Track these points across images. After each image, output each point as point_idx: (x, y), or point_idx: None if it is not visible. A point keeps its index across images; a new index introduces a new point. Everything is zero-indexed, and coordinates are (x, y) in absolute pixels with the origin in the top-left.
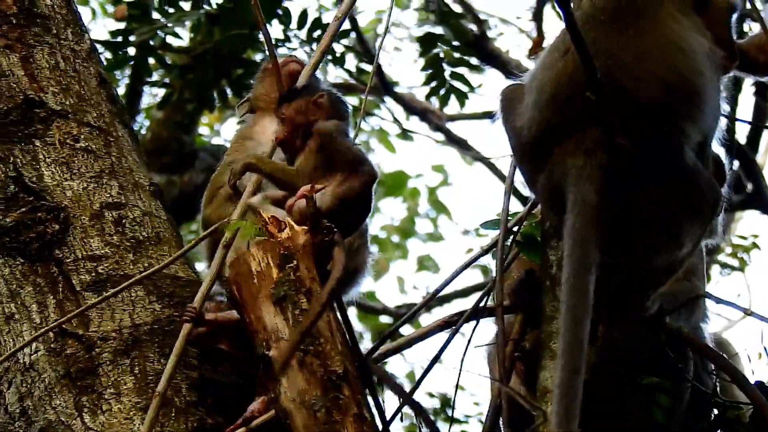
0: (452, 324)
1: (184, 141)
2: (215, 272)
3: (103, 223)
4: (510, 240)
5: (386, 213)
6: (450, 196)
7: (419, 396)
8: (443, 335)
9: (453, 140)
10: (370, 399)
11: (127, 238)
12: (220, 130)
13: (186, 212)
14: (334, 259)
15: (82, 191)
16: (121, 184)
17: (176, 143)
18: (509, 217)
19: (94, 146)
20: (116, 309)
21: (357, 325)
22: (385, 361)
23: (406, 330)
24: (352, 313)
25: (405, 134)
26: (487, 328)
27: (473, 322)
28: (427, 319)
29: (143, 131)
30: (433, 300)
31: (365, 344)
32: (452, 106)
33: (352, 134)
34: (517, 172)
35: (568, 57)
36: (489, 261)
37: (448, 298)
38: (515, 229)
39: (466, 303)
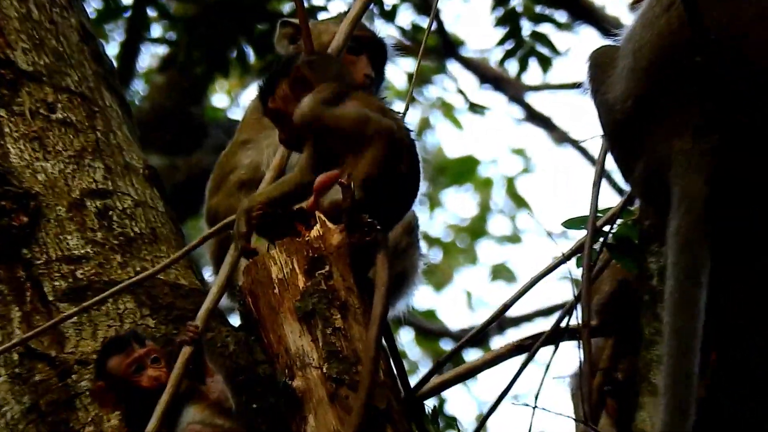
0: (527, 348)
1: (191, 113)
2: (225, 279)
3: (84, 215)
4: (600, 243)
5: (450, 208)
6: (531, 187)
7: None
8: (516, 362)
9: (534, 117)
10: None
11: (114, 234)
12: (240, 100)
13: (191, 203)
14: (377, 264)
15: (58, 174)
16: (107, 167)
17: (181, 116)
18: (599, 214)
19: (75, 118)
20: (99, 324)
21: (411, 351)
22: (442, 394)
23: (471, 356)
24: (404, 334)
25: (474, 108)
26: (571, 353)
27: (552, 347)
28: (497, 343)
29: (139, 100)
30: (504, 318)
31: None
32: (533, 74)
33: (398, 104)
34: (610, 157)
35: (672, 12)
36: (574, 270)
37: (526, 317)
38: (606, 229)
39: (547, 323)
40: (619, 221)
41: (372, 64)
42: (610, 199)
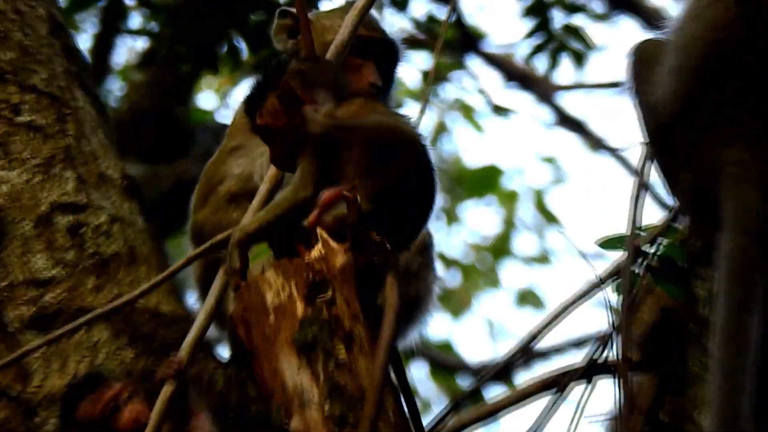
0: (557, 385)
1: (175, 115)
2: (213, 306)
3: (53, 232)
4: (641, 266)
5: (470, 224)
6: (563, 201)
7: None
8: (544, 401)
9: (566, 120)
10: None
11: (87, 254)
12: (231, 101)
13: (174, 218)
14: (387, 288)
15: (24, 186)
16: (80, 177)
17: (164, 119)
18: (640, 233)
19: (43, 121)
20: (70, 356)
21: (424, 387)
22: None
23: (493, 394)
24: (416, 368)
25: (497, 111)
26: (607, 392)
27: (586, 384)
28: (523, 379)
29: (115, 101)
30: (531, 350)
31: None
32: (565, 71)
33: (412, 111)
34: (653, 167)
35: (724, 1)
36: (611, 296)
37: (555, 349)
38: (648, 249)
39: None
40: (663, 241)
41: (380, 69)
42: (652, 215)
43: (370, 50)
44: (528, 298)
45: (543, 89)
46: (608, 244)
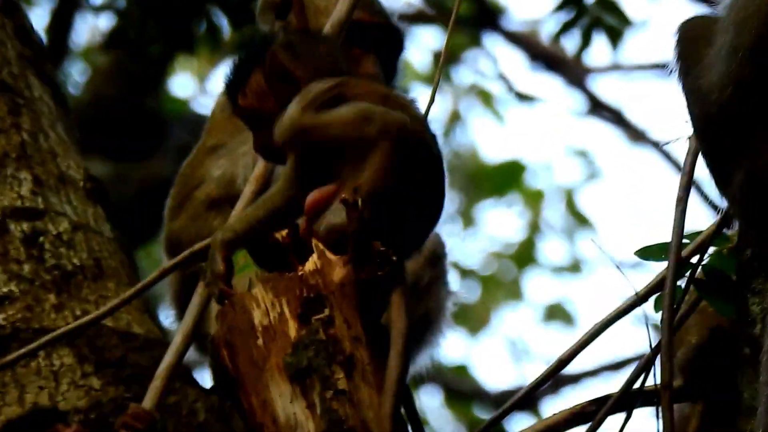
0: (589, 416)
1: (144, 106)
2: (191, 326)
3: (6, 242)
4: (686, 279)
5: (489, 229)
6: (596, 201)
7: None
8: None
9: (601, 108)
10: None
11: (46, 267)
12: (209, 86)
13: (145, 225)
14: (393, 310)
15: None
16: (37, 178)
17: (132, 110)
18: (685, 240)
19: None
20: (27, 386)
21: (437, 418)
22: None
23: (517, 425)
24: (427, 395)
25: (520, 97)
26: (647, 423)
27: (623, 414)
28: (551, 408)
29: (75, 89)
30: (560, 375)
31: None
32: (600, 51)
33: (420, 98)
34: (701, 163)
35: None
36: (651, 313)
37: (588, 374)
38: (694, 260)
39: (616, 382)
40: (711, 250)
41: (382, 58)
42: (700, 220)
43: (370, 38)
44: (556, 313)
45: (573, 72)
46: (648, 253)
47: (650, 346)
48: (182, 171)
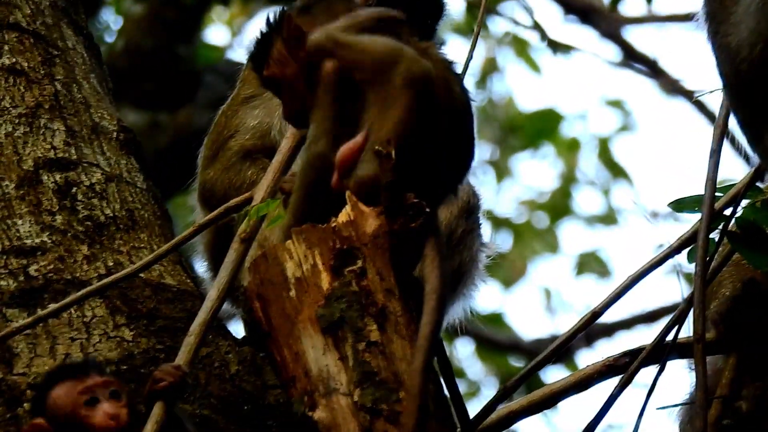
0: (623, 369)
1: (179, 55)
2: (227, 281)
3: (39, 193)
4: (719, 230)
5: (524, 178)
6: (632, 152)
7: None
8: (608, 386)
9: (636, 59)
10: None
11: (79, 218)
12: (245, 36)
13: (179, 175)
14: (427, 264)
15: (5, 139)
16: (70, 129)
17: (166, 59)
18: (719, 193)
19: (26, 64)
20: (60, 337)
21: (471, 368)
22: (513, 427)
23: (551, 377)
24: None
25: (555, 47)
26: (680, 376)
27: (655, 367)
28: (585, 360)
29: (109, 38)
30: (594, 327)
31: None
32: (634, 2)
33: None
34: (733, 118)
35: None
36: (685, 265)
37: (621, 325)
38: (728, 212)
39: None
40: (744, 202)
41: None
42: (734, 172)
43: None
44: (590, 264)
45: (607, 24)
46: (682, 205)
47: (683, 298)
48: (217, 120)
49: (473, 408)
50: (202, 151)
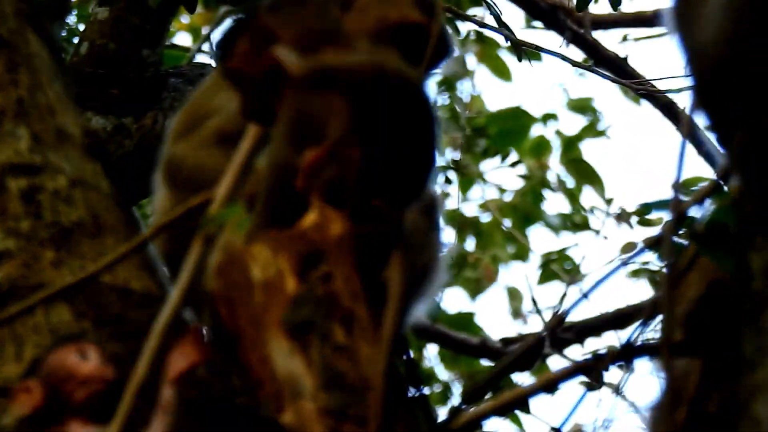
0: (590, 370)
1: (144, 59)
2: (186, 283)
3: (4, 199)
4: (684, 232)
5: (491, 180)
6: (601, 154)
7: None
8: (577, 388)
9: (604, 61)
10: None
11: (44, 224)
12: (210, 38)
13: (145, 180)
14: (391, 266)
15: None
16: (35, 134)
17: (131, 63)
18: (681, 197)
19: None
20: (25, 342)
21: (443, 369)
22: (481, 428)
23: (520, 379)
24: (431, 349)
25: (519, 51)
26: (647, 378)
27: (624, 368)
28: (554, 362)
29: (72, 41)
30: (562, 329)
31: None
32: (602, 3)
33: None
34: (701, 119)
35: None
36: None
37: (592, 328)
38: (693, 213)
39: (618, 337)
40: (710, 204)
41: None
42: (701, 172)
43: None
44: (557, 269)
45: (576, 23)
46: (651, 206)
47: (651, 300)
48: (195, 96)
49: (445, 410)
50: (173, 124)
